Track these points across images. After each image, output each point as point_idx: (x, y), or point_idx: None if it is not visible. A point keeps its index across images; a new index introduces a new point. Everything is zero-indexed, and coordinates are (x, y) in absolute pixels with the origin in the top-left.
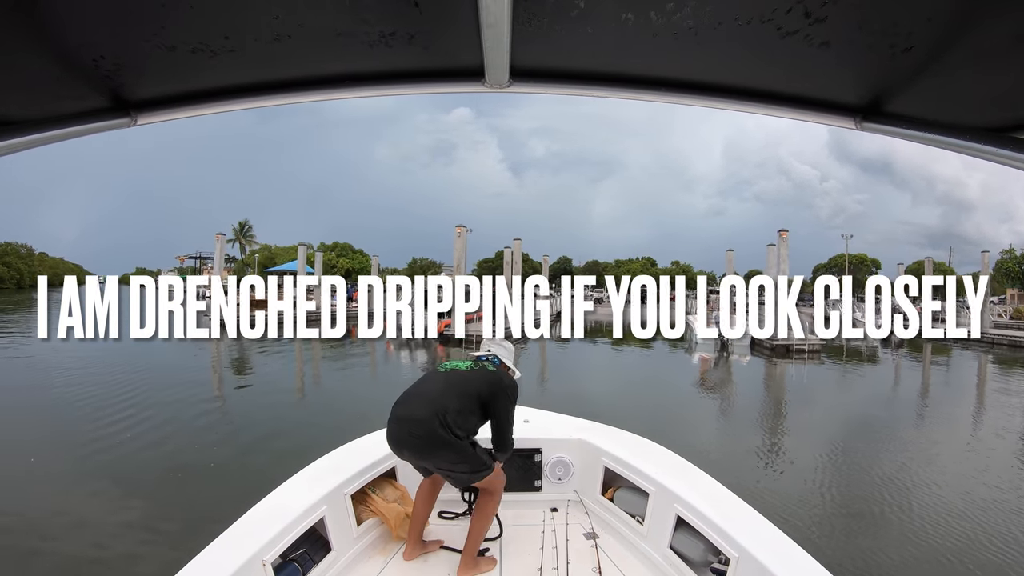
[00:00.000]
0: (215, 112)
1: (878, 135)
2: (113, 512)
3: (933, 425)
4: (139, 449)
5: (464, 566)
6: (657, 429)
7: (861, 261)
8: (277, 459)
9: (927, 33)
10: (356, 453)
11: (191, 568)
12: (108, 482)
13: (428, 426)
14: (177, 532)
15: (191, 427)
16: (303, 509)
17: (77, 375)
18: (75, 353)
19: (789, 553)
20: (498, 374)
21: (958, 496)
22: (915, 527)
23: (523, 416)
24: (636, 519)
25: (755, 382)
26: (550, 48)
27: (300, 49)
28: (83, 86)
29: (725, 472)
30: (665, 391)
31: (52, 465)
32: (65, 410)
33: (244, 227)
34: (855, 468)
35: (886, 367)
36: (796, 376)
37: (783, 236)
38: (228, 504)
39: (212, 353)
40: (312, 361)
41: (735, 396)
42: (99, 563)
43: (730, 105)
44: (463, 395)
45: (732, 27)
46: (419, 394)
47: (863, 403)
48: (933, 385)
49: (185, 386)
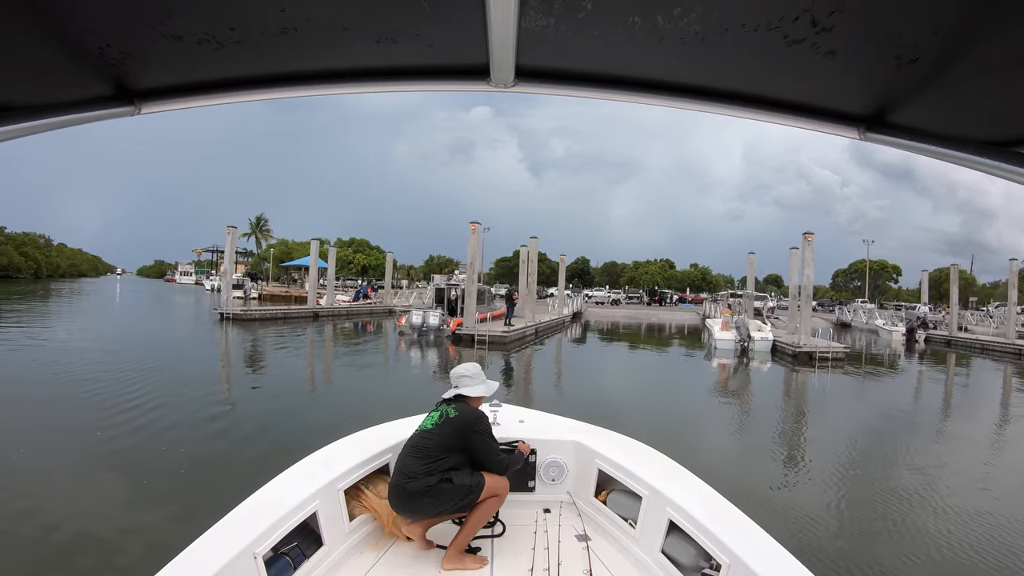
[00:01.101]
0: (219, 103)
1: (882, 145)
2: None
3: (978, 445)
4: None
5: (448, 558)
6: (670, 438)
7: (882, 267)
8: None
9: (933, 45)
10: (350, 448)
11: (181, 559)
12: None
13: (405, 490)
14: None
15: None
16: (295, 503)
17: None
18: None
19: (780, 560)
20: (460, 417)
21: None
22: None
23: (518, 416)
24: (628, 522)
25: (778, 392)
26: (556, 49)
27: (306, 43)
28: (87, 74)
29: (748, 497)
30: (680, 398)
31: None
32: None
33: (260, 221)
34: (891, 495)
35: (914, 378)
36: (821, 386)
37: (808, 239)
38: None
39: (220, 346)
40: (323, 358)
41: (756, 407)
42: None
43: (734, 111)
44: (425, 452)
45: (739, 33)
46: (399, 463)
47: (897, 418)
48: (967, 399)
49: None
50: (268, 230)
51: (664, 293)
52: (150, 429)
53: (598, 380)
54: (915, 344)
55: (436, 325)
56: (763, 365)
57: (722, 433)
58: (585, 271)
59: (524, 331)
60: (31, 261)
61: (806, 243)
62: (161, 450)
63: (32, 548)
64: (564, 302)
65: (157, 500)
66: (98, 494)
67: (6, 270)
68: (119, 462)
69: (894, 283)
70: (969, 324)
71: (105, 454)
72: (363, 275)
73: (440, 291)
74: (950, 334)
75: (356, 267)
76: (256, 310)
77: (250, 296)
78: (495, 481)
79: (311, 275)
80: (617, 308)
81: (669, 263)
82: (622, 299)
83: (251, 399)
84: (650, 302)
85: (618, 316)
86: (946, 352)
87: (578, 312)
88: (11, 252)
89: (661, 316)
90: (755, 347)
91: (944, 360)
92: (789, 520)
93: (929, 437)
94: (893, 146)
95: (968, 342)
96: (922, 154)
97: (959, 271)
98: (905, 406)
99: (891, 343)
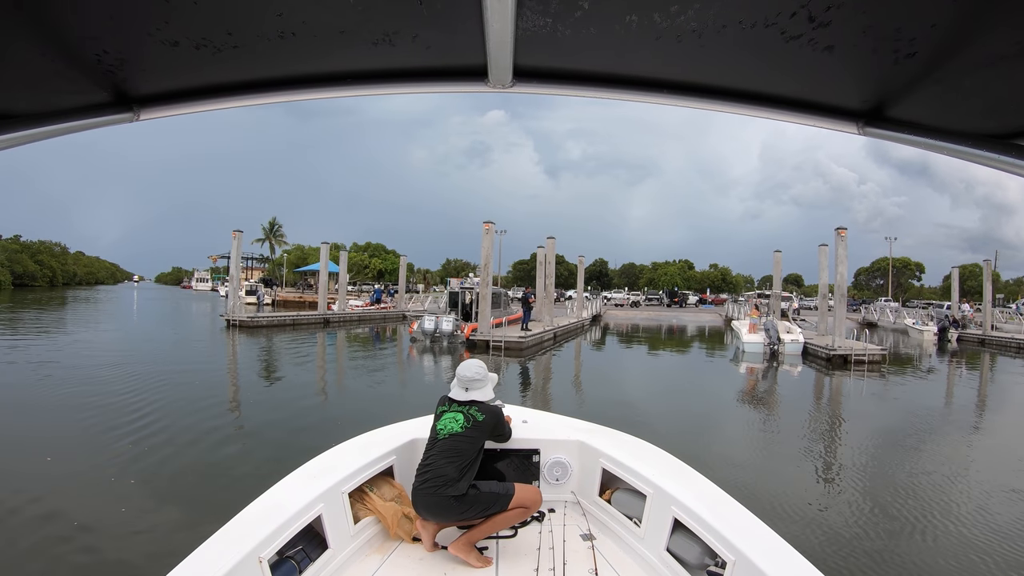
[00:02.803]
0: (218, 108)
1: (881, 140)
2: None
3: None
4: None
5: (457, 547)
6: (709, 455)
7: (905, 264)
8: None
9: (930, 39)
10: (354, 451)
11: (187, 564)
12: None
13: (439, 494)
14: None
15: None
16: (300, 507)
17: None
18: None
19: (786, 557)
20: (488, 420)
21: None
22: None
23: (521, 416)
24: (633, 521)
25: (822, 401)
26: (553, 49)
27: (304, 47)
28: (85, 80)
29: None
30: (714, 408)
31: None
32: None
33: (274, 226)
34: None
35: (965, 382)
36: (863, 390)
37: (841, 235)
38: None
39: (227, 352)
40: (336, 362)
41: (800, 417)
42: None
43: (733, 108)
44: (462, 456)
45: (736, 30)
46: (428, 467)
47: (963, 427)
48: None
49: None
50: (282, 235)
51: (684, 294)
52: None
53: (622, 387)
54: (947, 344)
55: (449, 331)
56: (794, 368)
57: (765, 448)
58: (603, 273)
59: (542, 336)
60: (46, 269)
61: (839, 238)
62: (130, 484)
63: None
64: (583, 305)
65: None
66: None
67: (21, 278)
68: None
69: (917, 281)
70: (998, 322)
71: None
72: (379, 279)
73: (454, 295)
74: (984, 333)
75: (372, 271)
76: (264, 316)
77: (263, 302)
78: (528, 493)
79: (321, 280)
80: (637, 310)
81: (688, 264)
82: (641, 301)
83: (231, 425)
84: (670, 303)
85: (639, 319)
86: (982, 352)
87: (597, 315)
88: (26, 260)
89: (683, 318)
90: (785, 350)
91: (983, 360)
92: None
93: (1012, 454)
94: (892, 140)
95: (1004, 341)
96: (921, 148)
97: (981, 269)
98: (966, 415)
99: (922, 343)
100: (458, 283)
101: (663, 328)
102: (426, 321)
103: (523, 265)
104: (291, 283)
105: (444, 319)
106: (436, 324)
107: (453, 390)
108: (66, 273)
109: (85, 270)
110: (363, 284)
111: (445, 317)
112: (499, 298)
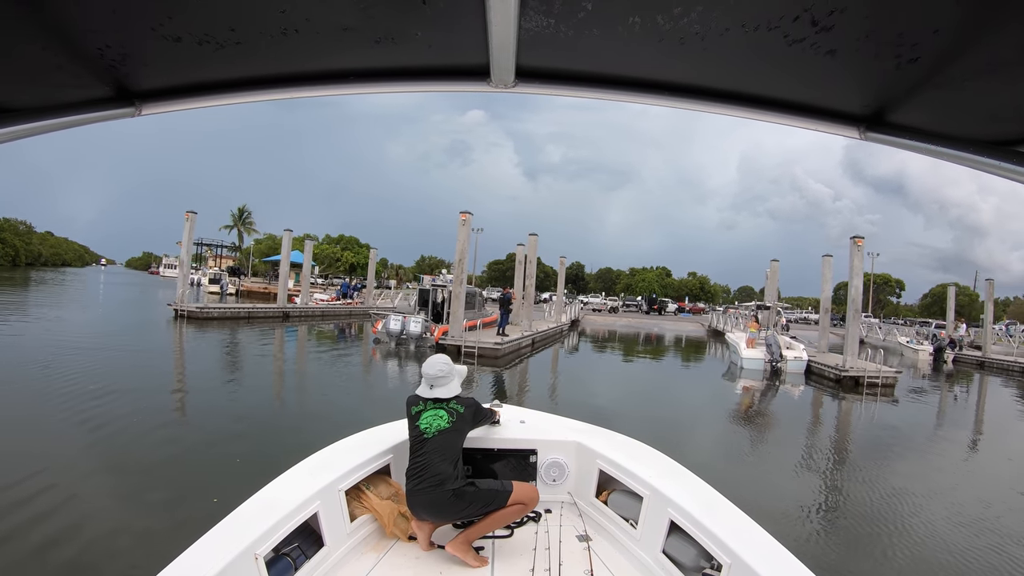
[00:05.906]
0: (219, 104)
1: (884, 146)
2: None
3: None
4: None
5: (454, 543)
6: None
7: (885, 281)
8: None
9: (934, 44)
10: (350, 449)
11: (183, 560)
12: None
13: (436, 493)
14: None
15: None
16: (296, 504)
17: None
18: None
19: (781, 560)
20: (468, 410)
21: None
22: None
23: (519, 417)
24: (630, 523)
25: (848, 431)
26: (556, 49)
27: (306, 44)
28: (88, 75)
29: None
30: (729, 437)
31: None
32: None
33: (243, 214)
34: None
35: (993, 408)
36: (889, 419)
37: (859, 244)
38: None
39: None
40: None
41: (802, 448)
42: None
43: (735, 111)
44: (453, 449)
45: (739, 33)
46: (422, 467)
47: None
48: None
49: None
50: (251, 223)
51: (663, 301)
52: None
53: (611, 399)
54: (943, 365)
55: (418, 332)
56: (795, 388)
57: (786, 485)
58: (580, 277)
59: (519, 342)
60: (8, 248)
61: (855, 248)
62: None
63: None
64: (563, 308)
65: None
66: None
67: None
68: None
69: (896, 298)
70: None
71: None
72: (351, 273)
73: (424, 293)
74: (984, 355)
75: (344, 264)
76: (216, 307)
77: (226, 292)
78: (526, 491)
79: (282, 270)
80: (615, 316)
81: (666, 271)
82: (619, 307)
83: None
84: (649, 310)
85: (618, 325)
86: (986, 376)
87: (576, 320)
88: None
89: (664, 326)
90: (788, 368)
91: (989, 386)
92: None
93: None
94: (893, 146)
95: (1005, 364)
96: (922, 153)
97: (961, 289)
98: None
99: (917, 363)
100: (430, 280)
101: (641, 335)
102: (392, 321)
103: (498, 265)
104: (262, 273)
105: (412, 319)
106: (403, 325)
107: (420, 388)
108: (30, 253)
109: (51, 251)
110: (334, 277)
111: (413, 317)
112: (473, 298)
